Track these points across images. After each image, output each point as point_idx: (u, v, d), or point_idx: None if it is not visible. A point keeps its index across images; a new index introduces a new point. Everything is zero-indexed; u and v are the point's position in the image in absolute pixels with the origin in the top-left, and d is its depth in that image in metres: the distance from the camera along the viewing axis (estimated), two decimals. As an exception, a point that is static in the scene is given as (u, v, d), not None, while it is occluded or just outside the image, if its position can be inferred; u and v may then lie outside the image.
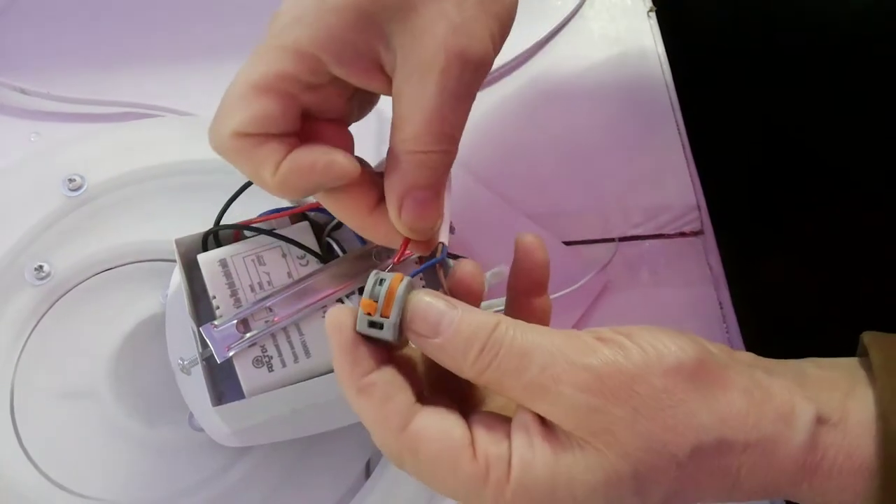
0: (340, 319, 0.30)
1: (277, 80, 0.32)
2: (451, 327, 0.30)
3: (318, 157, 0.33)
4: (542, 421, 0.30)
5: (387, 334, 0.30)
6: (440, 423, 0.30)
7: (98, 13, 0.59)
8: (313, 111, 0.34)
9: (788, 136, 0.58)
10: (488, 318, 0.30)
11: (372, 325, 0.30)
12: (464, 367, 0.30)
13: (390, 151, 0.33)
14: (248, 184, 0.43)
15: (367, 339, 0.31)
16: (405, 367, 0.31)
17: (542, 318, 0.35)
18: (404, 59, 0.32)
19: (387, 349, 0.31)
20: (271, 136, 0.33)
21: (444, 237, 0.37)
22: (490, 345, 0.30)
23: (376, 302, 0.30)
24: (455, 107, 0.32)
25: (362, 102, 0.36)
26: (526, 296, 0.35)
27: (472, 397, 0.34)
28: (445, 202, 0.35)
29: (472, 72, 0.32)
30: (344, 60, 0.32)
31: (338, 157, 0.33)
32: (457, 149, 0.33)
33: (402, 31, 0.32)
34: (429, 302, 0.30)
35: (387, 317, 0.30)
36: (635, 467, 0.29)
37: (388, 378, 0.30)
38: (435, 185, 0.33)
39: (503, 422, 0.31)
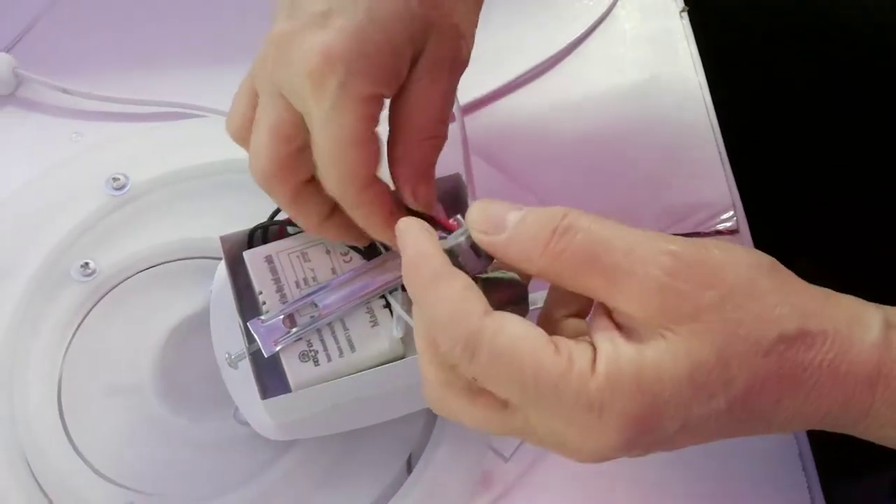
0: (413, 224, 0.32)
1: (369, 123, 0.35)
2: (518, 219, 0.30)
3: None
4: (619, 326, 0.30)
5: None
6: (522, 322, 0.29)
7: (140, 13, 0.60)
8: None
9: (823, 133, 0.58)
10: (555, 208, 0.30)
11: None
12: (534, 256, 0.29)
13: (398, 141, 0.37)
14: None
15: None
16: None
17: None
18: (424, 64, 0.36)
19: None
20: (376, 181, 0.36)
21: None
22: (563, 227, 0.29)
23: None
24: (451, 99, 0.37)
25: None
26: None
27: None
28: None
29: (463, 69, 0.38)
30: (395, 85, 0.36)
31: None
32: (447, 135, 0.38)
33: (423, 47, 0.36)
34: (487, 201, 0.32)
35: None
36: (722, 353, 0.28)
37: (468, 281, 0.30)
38: (434, 165, 0.38)
39: (582, 336, 0.31)
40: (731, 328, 0.29)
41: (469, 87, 0.57)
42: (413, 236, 0.31)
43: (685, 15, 0.63)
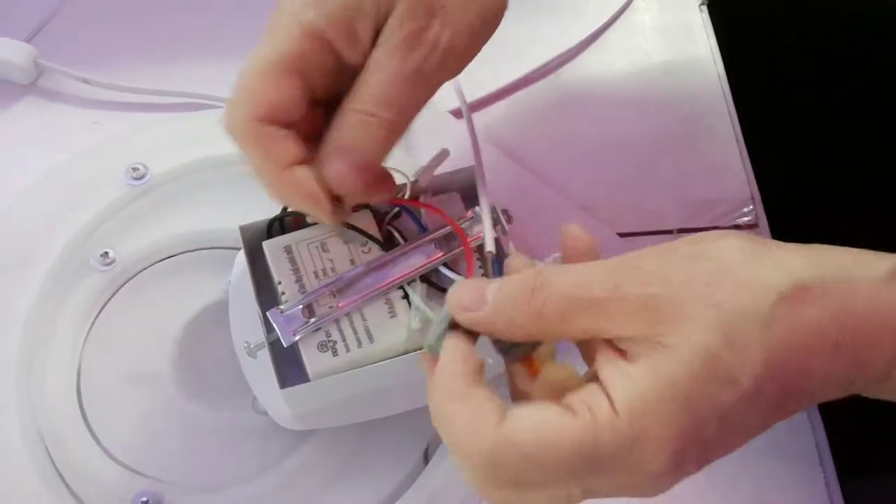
0: (459, 343, 0.31)
1: (298, 61, 0.33)
2: (496, 289, 0.30)
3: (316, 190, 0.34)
4: (622, 352, 0.29)
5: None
6: (535, 407, 0.29)
7: (160, 3, 0.61)
8: (315, 98, 0.35)
9: (844, 127, 0.57)
10: (528, 271, 0.31)
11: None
12: (518, 319, 0.30)
13: (339, 110, 0.34)
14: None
15: None
16: None
17: None
18: (383, 36, 0.34)
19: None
20: (286, 125, 0.34)
21: (489, 245, 0.39)
22: (538, 284, 0.30)
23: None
24: (408, 83, 0.34)
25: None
26: None
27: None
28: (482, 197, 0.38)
29: (435, 57, 0.34)
30: (350, 41, 0.34)
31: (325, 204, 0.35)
32: (402, 125, 0.35)
33: (388, 13, 0.34)
34: (464, 280, 0.32)
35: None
36: (724, 335, 0.28)
37: (487, 389, 0.30)
38: (368, 149, 0.34)
39: (580, 379, 0.30)
40: (719, 311, 0.28)
41: (488, 79, 0.57)
42: (453, 352, 0.31)
43: (704, 8, 0.62)
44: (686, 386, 0.28)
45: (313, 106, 0.36)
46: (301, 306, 0.39)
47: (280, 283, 0.41)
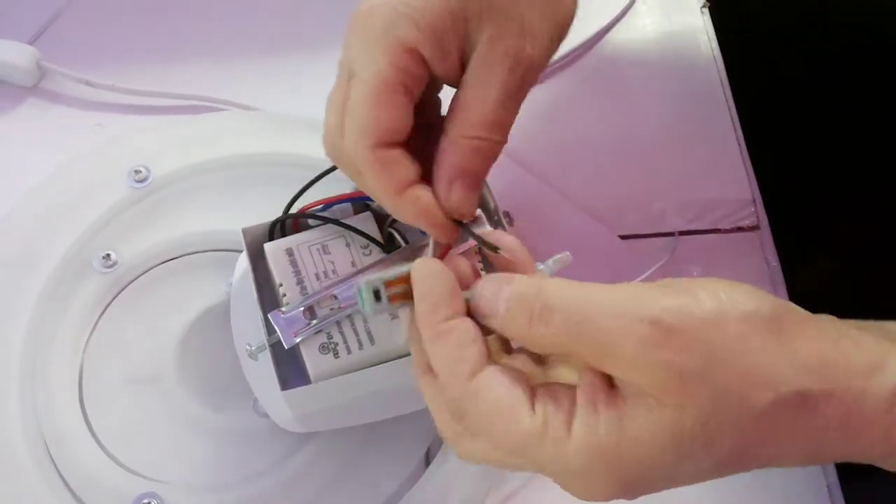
0: (430, 266, 0.32)
1: (402, 77, 0.34)
2: (504, 307, 0.31)
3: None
4: (610, 382, 0.29)
5: None
6: (504, 378, 0.30)
7: (162, 6, 0.61)
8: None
9: (844, 129, 0.57)
10: (532, 286, 0.30)
11: None
12: (523, 339, 0.31)
13: (445, 138, 0.35)
14: (319, 177, 0.44)
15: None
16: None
17: None
18: (479, 56, 0.34)
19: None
20: (399, 144, 0.34)
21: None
22: (538, 310, 0.30)
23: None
24: (511, 103, 0.35)
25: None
26: None
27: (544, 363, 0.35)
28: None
29: (531, 74, 0.35)
30: (441, 55, 0.34)
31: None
32: (505, 141, 0.35)
33: (480, 32, 0.34)
34: (485, 280, 0.33)
35: None
36: (706, 421, 0.28)
37: (467, 327, 0.31)
38: (482, 171, 0.35)
39: (569, 389, 0.31)
40: (716, 395, 0.28)
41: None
42: (425, 279, 0.32)
43: (706, 10, 0.62)
44: (647, 453, 0.28)
45: None
46: (302, 308, 0.39)
47: (281, 285, 0.41)
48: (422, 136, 0.35)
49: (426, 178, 0.35)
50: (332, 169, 0.44)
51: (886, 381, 0.28)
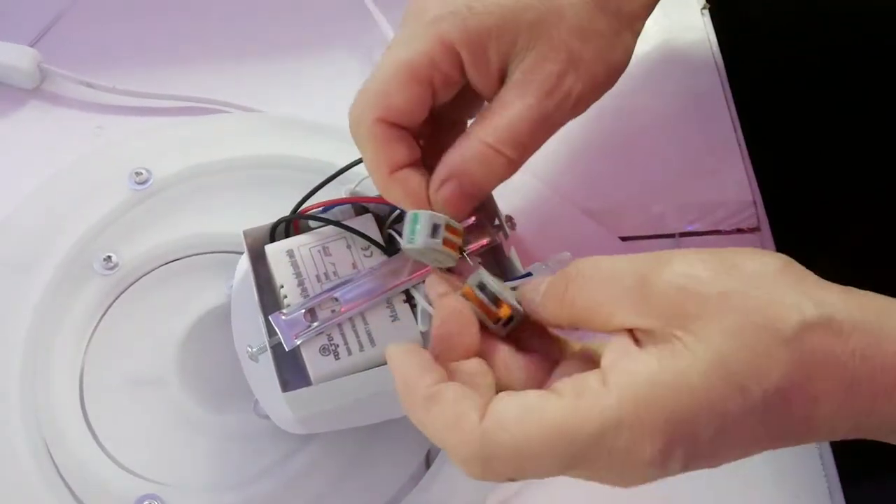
0: (401, 346, 0.32)
1: (430, 69, 0.34)
2: (544, 283, 0.32)
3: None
4: (639, 342, 0.29)
5: (519, 319, 0.33)
6: (516, 397, 0.29)
7: (163, 8, 0.61)
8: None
9: (845, 130, 0.57)
10: (569, 266, 0.32)
11: (505, 325, 0.33)
12: (557, 309, 0.32)
13: (464, 136, 0.35)
14: (329, 180, 0.44)
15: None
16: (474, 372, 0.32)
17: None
18: (520, 74, 0.35)
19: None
20: (406, 130, 0.35)
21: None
22: (573, 275, 0.31)
23: (492, 307, 0.33)
24: (538, 127, 0.35)
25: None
26: None
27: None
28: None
29: (568, 105, 0.35)
30: (479, 63, 0.35)
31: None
32: (519, 165, 0.35)
33: (527, 52, 0.35)
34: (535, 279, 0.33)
35: (503, 315, 0.33)
36: (742, 344, 0.27)
37: (457, 385, 0.30)
38: (483, 181, 0.35)
39: (587, 361, 0.31)
40: (743, 318, 0.27)
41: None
42: (398, 362, 0.32)
43: (706, 12, 0.62)
44: (692, 383, 0.27)
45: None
46: (303, 310, 0.39)
47: (282, 286, 0.41)
48: (445, 137, 0.36)
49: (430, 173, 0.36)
50: (340, 173, 0.44)
51: None
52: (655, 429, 0.27)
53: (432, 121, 0.37)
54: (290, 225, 0.43)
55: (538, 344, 0.34)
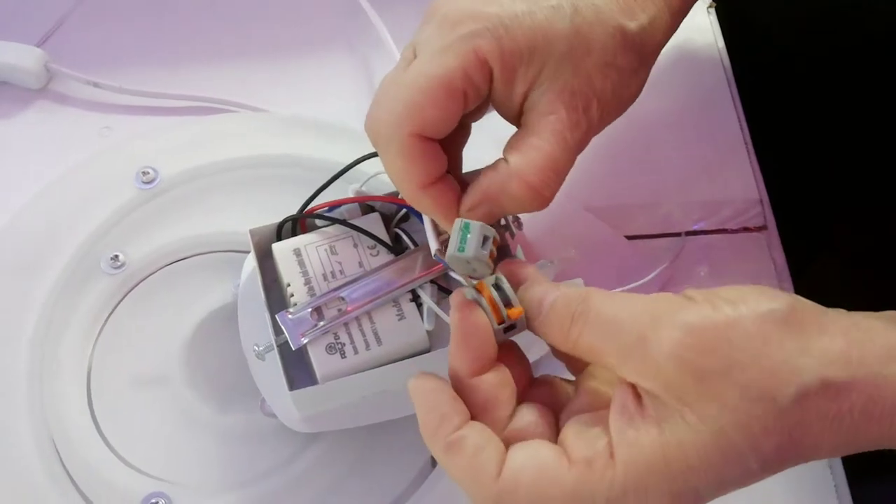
0: (424, 383, 0.32)
1: (463, 82, 0.35)
2: (548, 306, 0.32)
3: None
4: (641, 401, 0.30)
5: (521, 328, 0.33)
6: (531, 453, 0.30)
7: (170, 8, 0.61)
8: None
9: (852, 129, 0.57)
10: (579, 292, 0.32)
11: (506, 330, 0.33)
12: (559, 341, 0.32)
13: (498, 166, 0.36)
14: (335, 178, 0.44)
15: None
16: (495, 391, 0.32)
17: None
18: (548, 103, 0.35)
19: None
20: (437, 143, 0.35)
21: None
22: (579, 313, 0.31)
23: (498, 310, 0.33)
24: (568, 157, 0.36)
25: None
26: None
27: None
28: None
29: (589, 136, 0.37)
30: (508, 81, 0.35)
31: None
32: (550, 200, 0.36)
33: (554, 79, 0.35)
34: (530, 283, 0.33)
35: (512, 318, 0.33)
36: (739, 419, 0.28)
37: (478, 430, 0.31)
38: (510, 209, 0.36)
39: (597, 418, 0.31)
40: (742, 392, 0.28)
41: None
42: (421, 401, 0.32)
43: (712, 11, 0.62)
44: (693, 458, 0.29)
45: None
46: (310, 309, 0.40)
47: (289, 285, 0.41)
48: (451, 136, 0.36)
49: (451, 169, 0.37)
50: (345, 171, 0.44)
51: None
52: (661, 494, 0.29)
53: None
54: (297, 224, 0.43)
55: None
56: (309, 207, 0.43)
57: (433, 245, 0.37)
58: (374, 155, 0.41)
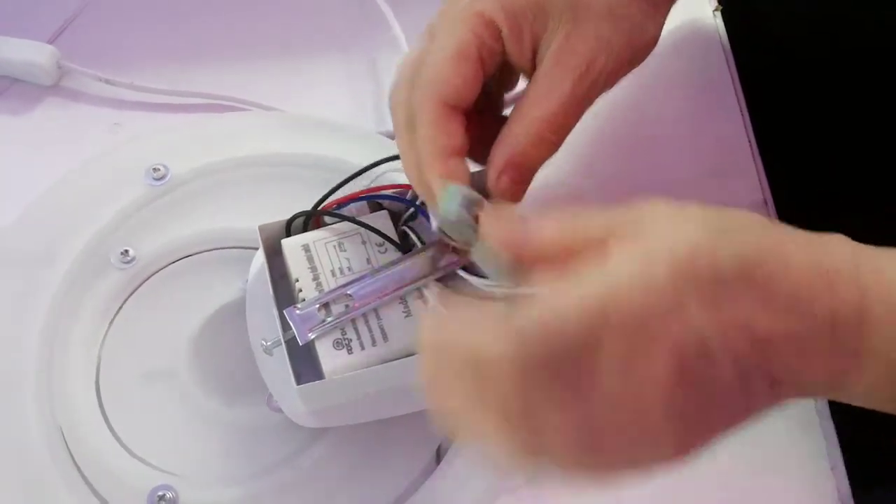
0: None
1: (478, 47, 0.36)
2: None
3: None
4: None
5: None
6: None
7: (183, 5, 0.61)
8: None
9: (858, 130, 0.57)
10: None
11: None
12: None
13: (507, 128, 0.37)
14: (352, 177, 0.45)
15: None
16: None
17: None
18: (552, 56, 0.37)
19: None
20: (462, 116, 0.37)
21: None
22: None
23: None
24: (575, 109, 0.37)
25: None
26: None
27: None
28: None
29: (599, 85, 0.38)
30: (517, 37, 0.37)
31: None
32: (560, 144, 0.38)
33: (557, 31, 0.37)
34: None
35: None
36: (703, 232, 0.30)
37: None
38: (534, 166, 0.38)
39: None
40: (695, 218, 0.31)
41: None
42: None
43: (718, 13, 0.62)
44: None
45: None
46: (317, 305, 0.40)
47: (297, 281, 0.41)
48: (480, 120, 0.38)
49: (471, 153, 0.38)
50: (362, 172, 0.45)
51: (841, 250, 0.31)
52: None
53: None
54: (308, 221, 0.44)
55: None
56: (323, 206, 0.44)
57: (434, 223, 0.39)
58: (394, 158, 0.42)
